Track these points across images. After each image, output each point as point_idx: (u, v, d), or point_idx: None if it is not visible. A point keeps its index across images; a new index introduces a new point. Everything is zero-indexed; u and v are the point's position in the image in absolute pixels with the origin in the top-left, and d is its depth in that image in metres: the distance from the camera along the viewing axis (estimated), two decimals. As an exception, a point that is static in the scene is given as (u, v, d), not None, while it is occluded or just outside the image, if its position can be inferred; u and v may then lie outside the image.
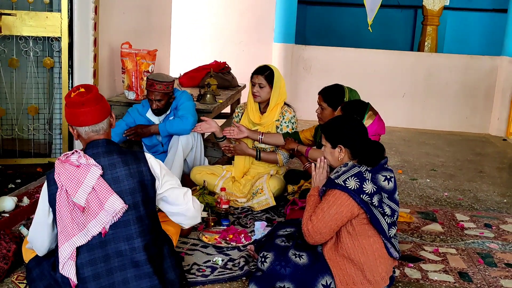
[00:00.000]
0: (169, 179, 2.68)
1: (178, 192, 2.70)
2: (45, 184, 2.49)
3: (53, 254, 2.57)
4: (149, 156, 2.64)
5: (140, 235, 2.49)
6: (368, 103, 3.54)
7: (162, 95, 4.17)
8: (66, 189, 2.42)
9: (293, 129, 4.22)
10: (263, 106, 4.29)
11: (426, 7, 8.84)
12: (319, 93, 3.93)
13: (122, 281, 2.44)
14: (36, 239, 2.57)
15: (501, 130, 7.77)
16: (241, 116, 4.38)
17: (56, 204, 2.43)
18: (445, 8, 9.18)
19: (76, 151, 2.50)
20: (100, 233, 2.44)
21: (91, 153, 2.50)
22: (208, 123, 4.22)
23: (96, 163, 2.46)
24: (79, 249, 2.43)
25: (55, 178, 2.45)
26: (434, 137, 7.55)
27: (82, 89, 2.52)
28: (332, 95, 3.85)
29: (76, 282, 2.40)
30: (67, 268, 2.39)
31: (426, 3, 8.81)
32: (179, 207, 2.70)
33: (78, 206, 2.42)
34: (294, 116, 4.25)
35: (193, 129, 4.22)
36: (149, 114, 4.34)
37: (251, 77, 4.21)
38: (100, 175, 2.44)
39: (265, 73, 4.16)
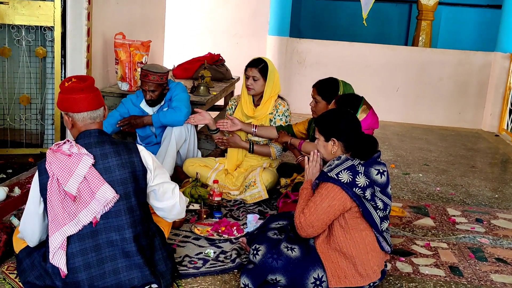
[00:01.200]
0: (160, 172, 2.68)
1: (167, 186, 2.70)
2: (36, 174, 2.48)
3: (44, 245, 2.56)
4: (141, 148, 2.63)
5: (131, 226, 2.49)
6: (362, 97, 3.54)
7: (156, 85, 4.16)
8: (57, 178, 2.41)
9: (286, 122, 4.22)
10: (257, 99, 4.28)
11: (421, 2, 8.84)
12: (313, 86, 3.93)
13: (113, 271, 2.44)
14: (27, 229, 2.56)
15: (494, 126, 7.80)
16: (235, 108, 4.37)
17: (47, 193, 2.42)
18: (440, 3, 9.20)
19: (68, 141, 2.49)
20: (91, 222, 2.43)
21: (83, 143, 2.50)
22: (201, 115, 4.20)
23: (88, 153, 2.45)
24: (69, 239, 2.42)
25: (47, 168, 2.44)
26: (427, 132, 7.57)
27: (74, 80, 2.52)
28: (327, 88, 3.85)
29: (66, 272, 2.39)
30: (57, 258, 2.39)
31: (421, -3, 8.82)
32: (166, 202, 2.70)
33: (69, 195, 2.41)
34: (287, 109, 4.24)
35: (187, 120, 4.21)
36: (143, 105, 4.33)
37: (245, 70, 4.20)
38: (92, 164, 2.44)
39: (259, 66, 4.15)
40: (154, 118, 4.23)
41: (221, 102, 6.80)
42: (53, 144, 2.53)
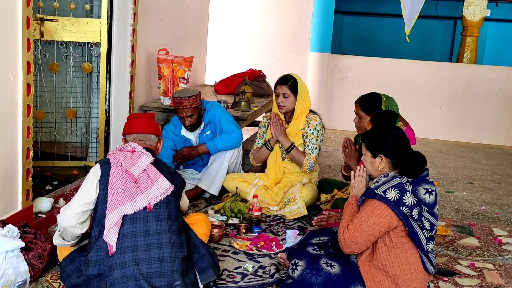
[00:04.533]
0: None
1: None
2: (97, 166, 2.70)
3: (85, 249, 2.68)
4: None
5: (178, 220, 2.70)
6: (398, 113, 3.51)
7: (192, 109, 4.18)
8: (121, 163, 2.66)
9: (318, 136, 4.15)
10: (288, 116, 4.25)
11: (466, 18, 8.69)
12: (356, 102, 3.89)
13: (159, 258, 2.55)
14: (66, 217, 2.64)
15: (543, 144, 7.56)
16: (268, 126, 4.36)
17: (109, 178, 2.63)
18: (486, 19, 9.01)
19: (130, 144, 2.79)
20: (145, 208, 2.61)
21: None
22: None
23: (148, 153, 2.73)
24: (124, 220, 2.59)
25: (110, 160, 2.69)
26: (471, 150, 7.39)
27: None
28: (370, 103, 3.81)
29: (114, 250, 2.52)
30: (111, 235, 2.55)
31: (466, 14, 8.67)
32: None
33: (132, 176, 2.65)
34: (319, 123, 4.18)
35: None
36: (184, 132, 4.34)
37: (275, 88, 4.18)
38: (150, 162, 2.70)
39: (288, 82, 4.13)
40: (210, 147, 4.24)
41: (261, 117, 6.83)
42: (115, 147, 2.87)
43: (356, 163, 3.93)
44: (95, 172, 2.68)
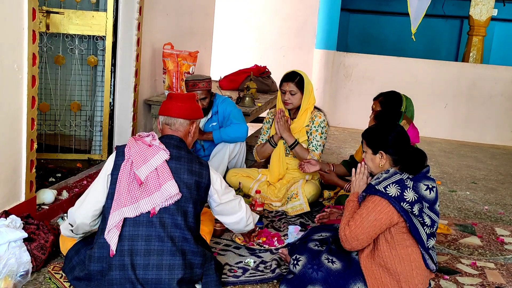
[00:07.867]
0: (229, 191, 2.87)
1: (235, 202, 2.89)
2: (113, 155, 2.64)
3: (90, 242, 2.67)
4: (212, 168, 2.78)
5: (185, 228, 2.57)
6: (402, 111, 3.50)
7: (206, 92, 4.24)
8: (132, 161, 2.57)
9: (322, 133, 4.15)
10: (293, 112, 4.25)
11: (473, 18, 8.66)
12: (376, 99, 3.87)
13: (157, 265, 2.50)
14: (81, 211, 2.63)
15: (547, 145, 7.54)
16: (272, 122, 4.36)
17: (119, 173, 2.57)
18: (493, 19, 8.98)
19: (152, 134, 2.67)
20: (149, 212, 2.53)
21: (164, 141, 2.68)
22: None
23: (166, 149, 2.61)
24: (125, 222, 2.52)
25: (125, 151, 2.61)
26: (476, 150, 7.37)
27: (184, 92, 2.73)
28: (392, 101, 3.81)
29: (114, 252, 2.48)
30: (111, 235, 2.50)
31: (473, 13, 8.64)
32: (237, 214, 2.91)
33: (138, 179, 2.55)
34: (324, 120, 4.18)
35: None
36: None
37: (280, 85, 4.17)
38: (166, 160, 2.59)
39: (295, 79, 4.12)
40: (215, 135, 4.30)
41: (265, 113, 6.83)
42: (136, 134, 2.74)
43: (338, 180, 3.97)
44: (109, 163, 2.63)
